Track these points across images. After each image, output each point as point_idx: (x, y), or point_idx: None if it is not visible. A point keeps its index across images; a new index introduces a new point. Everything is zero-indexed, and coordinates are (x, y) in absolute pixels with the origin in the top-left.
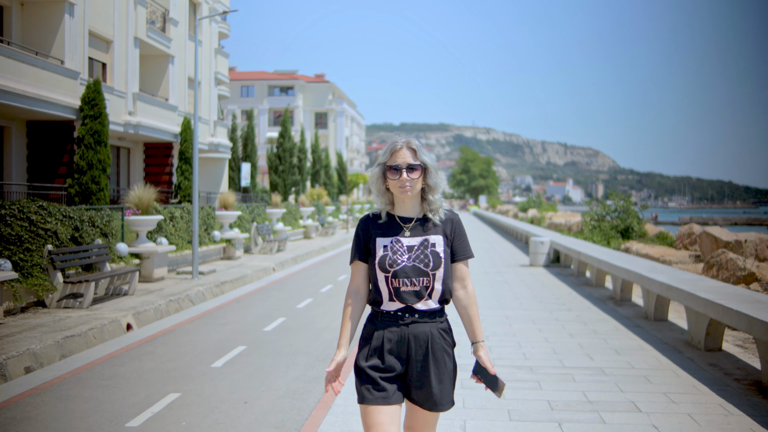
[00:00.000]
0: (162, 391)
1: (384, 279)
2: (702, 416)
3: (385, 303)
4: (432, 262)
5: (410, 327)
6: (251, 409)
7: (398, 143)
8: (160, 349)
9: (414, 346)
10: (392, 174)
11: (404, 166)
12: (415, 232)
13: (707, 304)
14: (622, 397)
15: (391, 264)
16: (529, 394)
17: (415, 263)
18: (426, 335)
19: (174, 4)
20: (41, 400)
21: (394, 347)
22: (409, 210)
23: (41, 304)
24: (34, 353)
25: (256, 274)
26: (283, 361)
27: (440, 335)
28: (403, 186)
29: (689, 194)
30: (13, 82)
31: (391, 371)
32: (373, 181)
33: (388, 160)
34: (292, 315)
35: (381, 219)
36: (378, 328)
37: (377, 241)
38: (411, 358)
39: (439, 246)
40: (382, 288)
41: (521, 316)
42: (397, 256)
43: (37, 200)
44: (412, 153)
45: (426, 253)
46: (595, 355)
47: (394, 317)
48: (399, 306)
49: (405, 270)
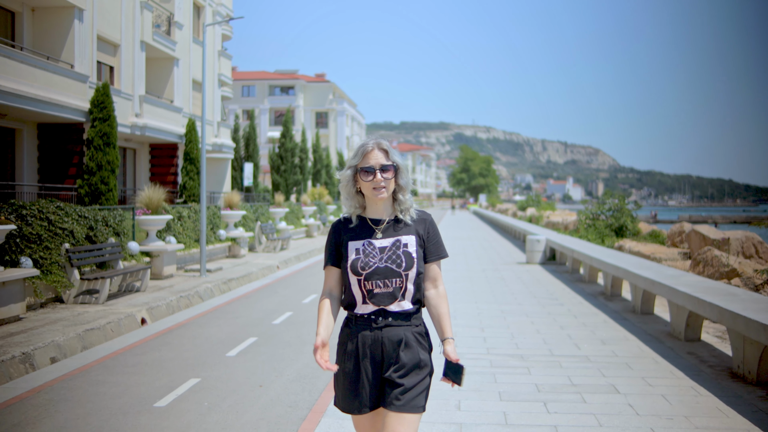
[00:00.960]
0: (183, 376)
1: (357, 282)
2: (674, 397)
3: (359, 306)
4: (404, 262)
5: (383, 330)
6: (266, 391)
7: (369, 144)
8: (177, 341)
9: (388, 349)
10: (365, 176)
11: (377, 167)
12: (387, 234)
13: (686, 298)
14: (604, 381)
15: (363, 267)
16: (519, 378)
17: (387, 264)
18: (399, 338)
19: (179, 8)
20: (73, 385)
21: (368, 351)
22: (381, 211)
23: (59, 300)
24: (58, 345)
25: (261, 272)
26: (292, 351)
27: (414, 338)
28: (377, 187)
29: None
30: (26, 86)
31: (367, 376)
32: (344, 185)
33: (359, 162)
34: (299, 309)
35: (352, 222)
36: (353, 332)
37: (349, 245)
38: (384, 361)
39: (411, 246)
40: (355, 291)
41: (515, 311)
42: (369, 259)
43: (55, 201)
44: (383, 154)
45: (398, 254)
46: (582, 345)
47: (367, 321)
48: (373, 308)
49: (377, 271)
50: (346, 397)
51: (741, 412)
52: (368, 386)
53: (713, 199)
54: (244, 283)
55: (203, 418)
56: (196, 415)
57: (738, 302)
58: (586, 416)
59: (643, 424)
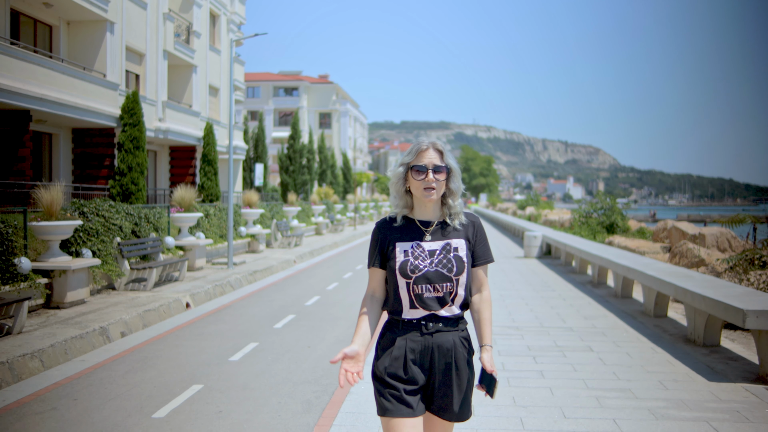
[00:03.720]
0: (243, 342)
1: (405, 285)
2: (636, 353)
3: (406, 311)
4: (455, 267)
5: (434, 336)
6: (314, 351)
7: (424, 144)
8: (227, 318)
9: (437, 356)
10: (417, 174)
11: (430, 166)
12: (435, 236)
13: (652, 279)
14: (582, 344)
15: (412, 270)
16: (514, 341)
17: (438, 268)
18: (450, 344)
19: (197, 18)
20: (158, 347)
21: (417, 357)
22: (430, 214)
23: (111, 287)
24: (126, 322)
25: (281, 265)
26: (327, 324)
27: (462, 344)
28: (428, 186)
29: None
30: (66, 95)
31: (414, 383)
32: (394, 182)
33: (413, 161)
34: (325, 294)
35: (397, 222)
36: (399, 336)
37: (397, 246)
38: (434, 369)
39: (461, 250)
40: (402, 295)
41: (513, 295)
42: (418, 261)
43: (107, 200)
44: (438, 155)
45: (449, 258)
46: (567, 320)
47: (416, 326)
48: (422, 314)
49: (427, 276)
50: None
51: (685, 362)
52: (415, 392)
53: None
54: (267, 275)
55: (270, 367)
56: (264, 366)
57: (692, 282)
58: (566, 365)
59: (608, 370)
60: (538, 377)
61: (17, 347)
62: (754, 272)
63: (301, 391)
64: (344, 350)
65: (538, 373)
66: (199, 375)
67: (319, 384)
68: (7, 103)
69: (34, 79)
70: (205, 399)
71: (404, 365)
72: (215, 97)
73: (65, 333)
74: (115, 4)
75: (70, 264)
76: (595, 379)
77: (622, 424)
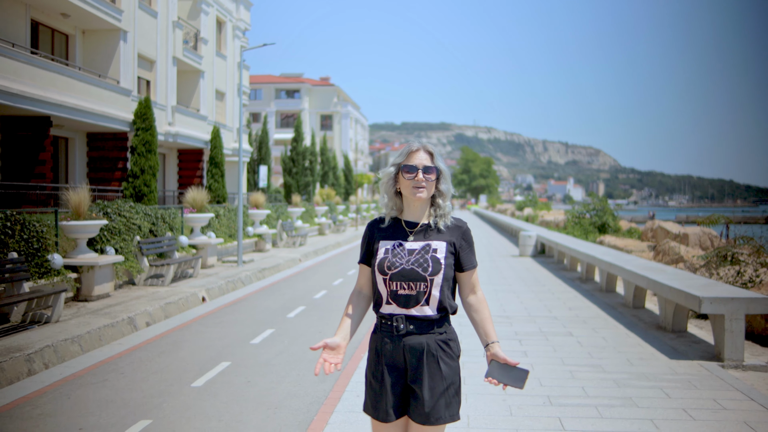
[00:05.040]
0: (260, 328)
1: (383, 281)
2: (611, 337)
3: (383, 305)
4: (431, 266)
5: (405, 338)
6: (325, 336)
7: (414, 145)
8: (243, 309)
9: (409, 357)
10: (407, 174)
11: (420, 167)
12: (418, 237)
13: (630, 274)
14: (564, 329)
15: (389, 266)
16: (503, 328)
17: (413, 266)
18: (421, 346)
19: (204, 25)
20: (185, 334)
21: (390, 359)
22: (417, 215)
23: (131, 283)
24: (149, 313)
25: (287, 264)
26: (335, 314)
27: (438, 346)
28: (418, 185)
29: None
30: (82, 101)
31: (391, 384)
32: (385, 182)
33: (403, 161)
34: (331, 289)
35: (385, 223)
36: (379, 339)
37: (380, 244)
38: (407, 371)
39: (440, 252)
40: (381, 290)
41: (506, 290)
42: (396, 259)
43: (128, 201)
44: (428, 156)
45: (426, 258)
46: (553, 310)
47: (390, 328)
48: (396, 310)
49: (402, 273)
50: (373, 403)
51: (652, 345)
52: (392, 395)
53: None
54: (274, 272)
55: (287, 348)
56: (282, 347)
57: (663, 275)
58: (547, 347)
59: (584, 350)
60: (522, 356)
61: (58, 333)
62: (724, 267)
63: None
64: (326, 340)
65: (522, 353)
66: (226, 354)
67: None
68: (30, 109)
69: (55, 87)
70: (234, 372)
71: (380, 367)
72: (221, 101)
73: (97, 322)
74: (128, 13)
75: (97, 260)
76: (572, 357)
77: (589, 390)
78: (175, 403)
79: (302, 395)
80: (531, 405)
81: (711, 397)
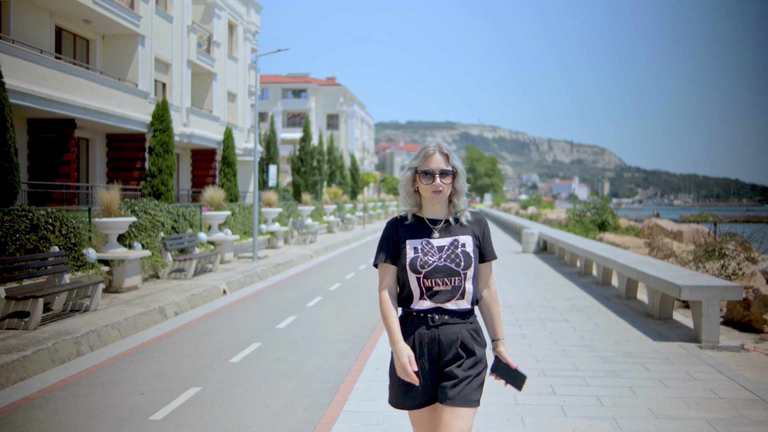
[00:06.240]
0: (283, 315)
1: (416, 280)
2: (603, 323)
3: (416, 302)
4: (463, 261)
5: (440, 329)
6: (343, 321)
7: (430, 148)
8: (264, 300)
9: (444, 345)
10: (425, 179)
11: (437, 171)
12: (443, 233)
13: (622, 266)
14: (560, 317)
15: (422, 265)
16: (505, 315)
17: (446, 263)
18: (456, 335)
19: (217, 28)
20: (214, 321)
21: (425, 350)
22: (438, 212)
23: (155, 276)
24: (177, 303)
25: (299, 260)
26: (350, 304)
27: (470, 335)
28: (436, 190)
29: (695, 192)
30: (104, 104)
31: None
32: (403, 184)
33: (420, 165)
34: (344, 282)
35: (408, 221)
36: (409, 331)
37: (407, 243)
38: (442, 359)
39: (468, 246)
40: (413, 288)
41: (508, 283)
42: (428, 257)
43: (152, 199)
44: (444, 158)
45: (456, 253)
46: (551, 301)
47: (424, 319)
48: (430, 305)
49: (437, 270)
50: (404, 393)
51: (639, 329)
52: (425, 383)
53: (719, 198)
54: (288, 268)
55: (310, 332)
56: (305, 330)
57: (652, 268)
58: (544, 331)
59: (577, 334)
60: (521, 339)
61: (99, 320)
62: (711, 261)
63: (338, 346)
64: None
65: (521, 336)
66: (256, 337)
67: (351, 342)
68: (56, 112)
69: (78, 90)
70: (266, 351)
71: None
72: (233, 103)
73: (132, 311)
74: (146, 19)
75: (127, 255)
76: (565, 340)
77: (579, 365)
78: (218, 374)
79: (328, 368)
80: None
81: (684, 370)
